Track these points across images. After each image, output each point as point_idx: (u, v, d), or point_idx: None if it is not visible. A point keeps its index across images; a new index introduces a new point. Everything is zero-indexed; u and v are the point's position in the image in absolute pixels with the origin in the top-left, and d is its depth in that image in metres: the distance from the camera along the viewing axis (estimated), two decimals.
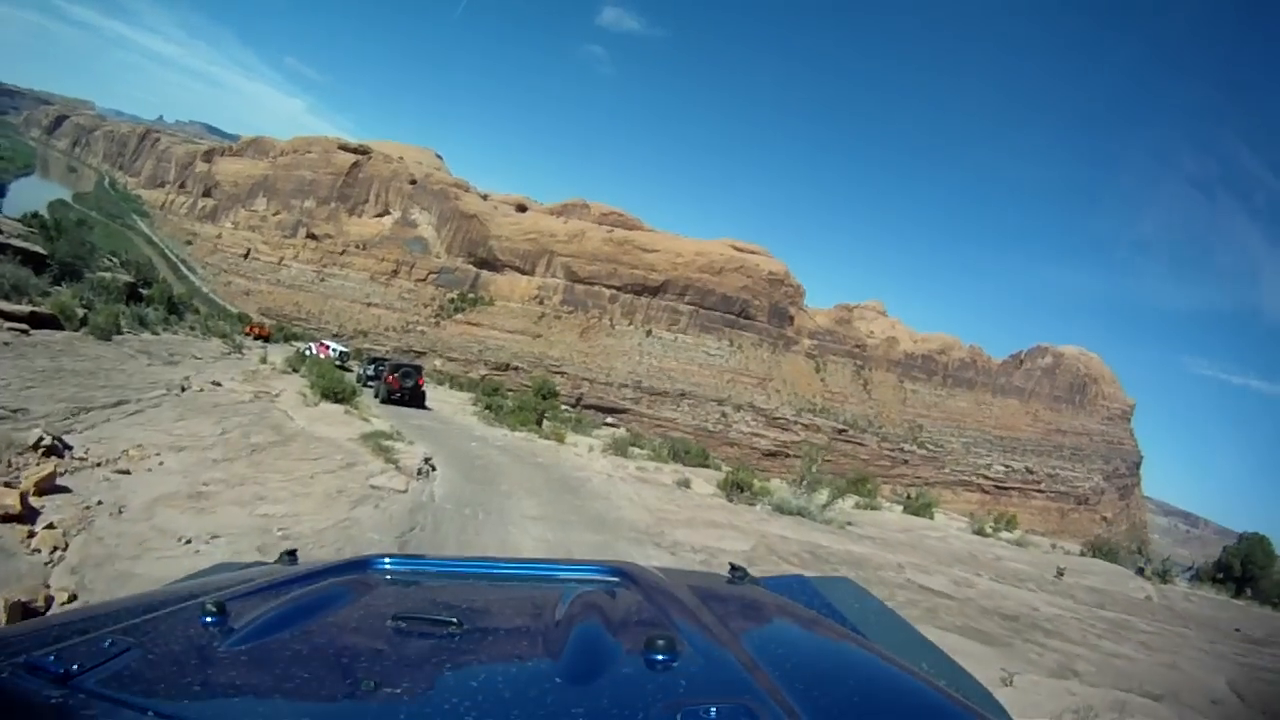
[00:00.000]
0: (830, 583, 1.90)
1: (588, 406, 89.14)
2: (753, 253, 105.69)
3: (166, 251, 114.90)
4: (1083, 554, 16.45)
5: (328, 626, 1.20)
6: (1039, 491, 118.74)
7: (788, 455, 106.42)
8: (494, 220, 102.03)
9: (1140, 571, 13.73)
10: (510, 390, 39.87)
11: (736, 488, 12.38)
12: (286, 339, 53.09)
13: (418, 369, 22.53)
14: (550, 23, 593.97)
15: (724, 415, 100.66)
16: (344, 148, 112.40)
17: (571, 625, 1.16)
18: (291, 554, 1.82)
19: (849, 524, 11.95)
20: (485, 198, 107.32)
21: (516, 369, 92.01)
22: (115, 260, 33.02)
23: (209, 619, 1.15)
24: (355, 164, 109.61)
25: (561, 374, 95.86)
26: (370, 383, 24.22)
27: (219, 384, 12.41)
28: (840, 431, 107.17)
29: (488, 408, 22.76)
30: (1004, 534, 17.90)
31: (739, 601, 1.58)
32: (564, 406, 58.18)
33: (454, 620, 1.16)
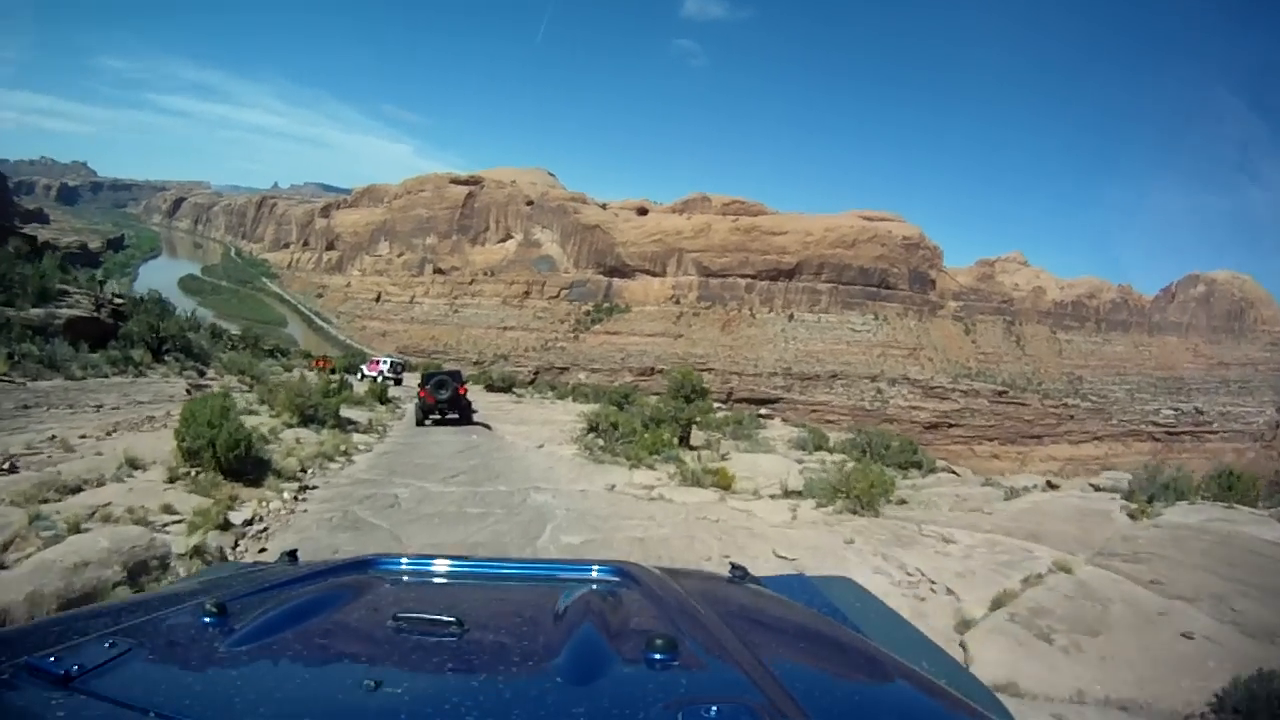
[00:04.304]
0: (830, 582, 1.89)
1: (739, 400, 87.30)
2: (884, 220, 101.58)
3: (299, 306, 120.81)
4: None
5: (328, 626, 1.19)
6: (1211, 433, 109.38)
7: (949, 426, 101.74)
8: (617, 227, 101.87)
9: None
10: (655, 394, 32.29)
11: None
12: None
13: (456, 375, 19.58)
14: (634, 25, 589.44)
15: (879, 391, 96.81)
16: (455, 181, 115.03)
17: (573, 625, 1.15)
18: (292, 554, 1.83)
19: None
20: (604, 207, 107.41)
21: (661, 371, 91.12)
22: (81, 291, 22.05)
23: (210, 619, 1.13)
24: (469, 195, 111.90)
25: (709, 370, 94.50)
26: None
27: None
28: (1000, 394, 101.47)
29: (592, 429, 14.09)
30: None
31: (740, 601, 1.57)
32: (716, 405, 55.01)
33: (455, 620, 1.14)
